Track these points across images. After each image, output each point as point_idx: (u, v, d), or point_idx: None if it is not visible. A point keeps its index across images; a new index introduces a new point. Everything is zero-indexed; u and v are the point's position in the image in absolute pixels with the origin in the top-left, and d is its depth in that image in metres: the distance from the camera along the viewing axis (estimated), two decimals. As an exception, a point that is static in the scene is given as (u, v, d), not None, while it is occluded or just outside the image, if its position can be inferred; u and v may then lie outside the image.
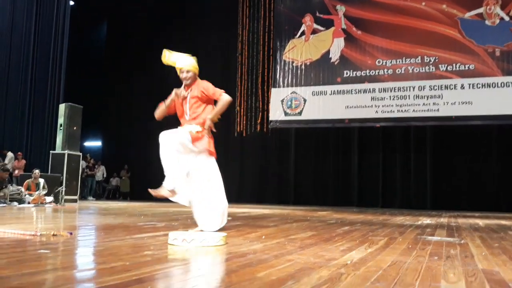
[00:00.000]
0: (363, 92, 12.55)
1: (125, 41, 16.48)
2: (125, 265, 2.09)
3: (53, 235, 3.27)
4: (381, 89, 12.48)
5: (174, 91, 3.99)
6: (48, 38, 13.62)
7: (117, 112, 16.54)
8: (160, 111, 4.10)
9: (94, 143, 17.84)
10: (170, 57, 3.97)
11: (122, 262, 2.17)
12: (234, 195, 14.16)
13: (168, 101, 4.02)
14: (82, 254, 2.57)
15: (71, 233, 3.39)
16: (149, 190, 3.57)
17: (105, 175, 15.54)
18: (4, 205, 8.29)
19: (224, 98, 3.87)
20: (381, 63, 12.62)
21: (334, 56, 13.03)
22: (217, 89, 3.90)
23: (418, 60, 12.36)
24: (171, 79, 4.49)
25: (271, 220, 5.77)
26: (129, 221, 5.06)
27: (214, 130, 3.86)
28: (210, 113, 3.86)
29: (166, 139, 3.59)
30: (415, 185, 12.63)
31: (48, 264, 2.22)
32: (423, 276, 2.04)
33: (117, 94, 16.57)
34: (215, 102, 4.02)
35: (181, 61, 3.95)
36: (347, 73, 12.83)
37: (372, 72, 12.66)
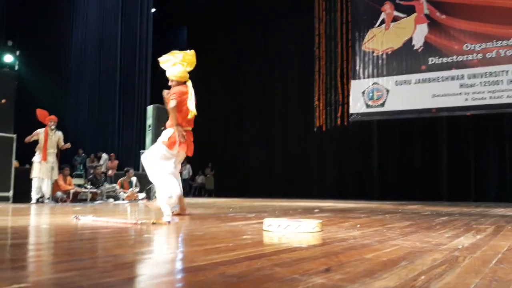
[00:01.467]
0: (451, 79, 11.84)
1: (205, 44, 16.94)
2: (228, 246, 2.10)
3: (153, 223, 3.39)
4: (470, 75, 11.70)
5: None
6: (133, 45, 14.36)
7: (198, 113, 17.02)
8: None
9: (178, 144, 18.53)
10: (163, 64, 4.58)
11: (225, 243, 2.18)
12: (315, 190, 14.05)
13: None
14: (184, 237, 2.63)
15: (169, 222, 3.50)
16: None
17: (190, 173, 16.08)
18: (101, 201, 8.84)
19: (169, 105, 4.38)
20: (469, 47, 11.82)
21: (417, 43, 12.42)
22: (170, 96, 4.40)
23: (510, 42, 11.43)
24: (250, 79, 4.59)
25: (360, 212, 5.61)
26: (220, 212, 5.17)
27: (184, 136, 4.47)
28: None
29: (146, 161, 4.35)
30: (511, 176, 11.71)
31: (155, 245, 2.30)
32: (552, 259, 1.84)
33: (198, 95, 17.07)
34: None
35: (168, 71, 4.54)
36: (432, 60, 12.18)
37: (460, 58, 11.90)
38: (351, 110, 12.97)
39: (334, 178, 14.10)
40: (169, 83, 4.57)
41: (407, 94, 12.29)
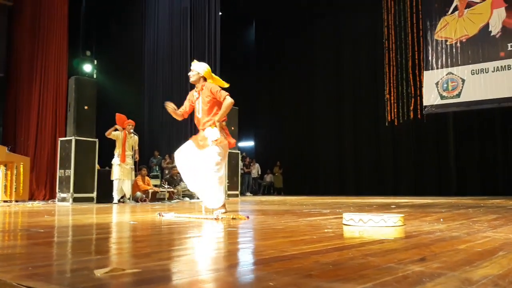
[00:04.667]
0: (534, 65, 11.05)
1: (272, 41, 17.06)
2: (312, 238, 2.11)
3: (232, 218, 3.50)
4: (555, 59, 10.85)
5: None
6: (202, 48, 14.72)
7: (267, 112, 17.22)
8: (178, 115, 4.70)
9: (247, 143, 18.78)
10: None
11: (309, 236, 2.20)
12: (388, 187, 13.65)
13: (186, 102, 4.68)
14: (267, 231, 2.68)
15: (248, 217, 3.58)
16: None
17: (259, 172, 16.26)
18: (178, 200, 9.17)
19: (227, 101, 4.26)
20: (553, 30, 10.97)
21: (495, 29, 11.70)
22: (223, 92, 4.31)
23: None
24: (318, 75, 4.54)
25: (440, 207, 5.40)
26: (293, 208, 5.19)
27: (225, 129, 4.41)
28: (216, 114, 4.32)
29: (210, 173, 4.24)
30: None
31: (241, 238, 2.36)
32: None
33: (266, 95, 17.26)
34: None
35: (192, 65, 4.63)
36: (511, 46, 11.43)
37: (543, 42, 11.08)
38: (425, 103, 12.48)
39: (409, 174, 13.63)
40: (189, 73, 4.57)
41: (485, 83, 11.62)
